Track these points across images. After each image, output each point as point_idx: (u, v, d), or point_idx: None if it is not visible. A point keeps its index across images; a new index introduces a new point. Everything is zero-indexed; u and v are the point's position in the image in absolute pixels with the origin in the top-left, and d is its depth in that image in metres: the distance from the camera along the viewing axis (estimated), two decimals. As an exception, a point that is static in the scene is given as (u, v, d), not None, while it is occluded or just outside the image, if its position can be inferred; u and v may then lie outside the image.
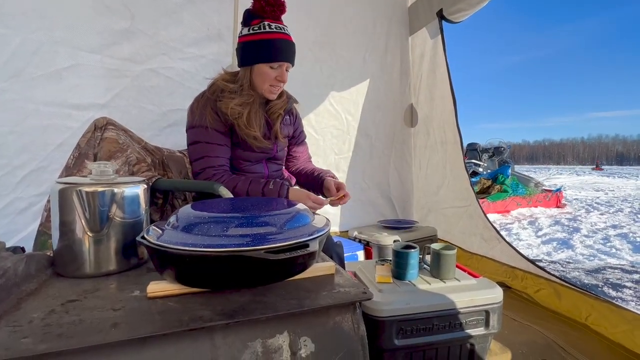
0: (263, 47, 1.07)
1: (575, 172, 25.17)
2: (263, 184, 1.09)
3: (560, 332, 1.43)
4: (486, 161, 7.77)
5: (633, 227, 4.65)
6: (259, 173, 1.21)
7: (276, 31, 1.07)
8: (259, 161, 1.21)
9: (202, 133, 1.09)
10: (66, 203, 0.63)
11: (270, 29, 1.06)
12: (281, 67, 1.10)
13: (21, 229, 1.53)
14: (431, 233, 2.28)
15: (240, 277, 0.56)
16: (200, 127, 1.09)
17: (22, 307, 0.51)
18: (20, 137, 1.52)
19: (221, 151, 1.12)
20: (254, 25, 1.07)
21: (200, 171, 1.11)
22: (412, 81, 2.62)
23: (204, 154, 1.10)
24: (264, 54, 1.07)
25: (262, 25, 1.06)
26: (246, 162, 1.19)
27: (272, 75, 1.10)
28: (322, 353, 0.52)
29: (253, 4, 1.07)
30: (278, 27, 1.08)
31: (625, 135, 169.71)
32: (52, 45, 1.56)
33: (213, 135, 1.10)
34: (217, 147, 1.11)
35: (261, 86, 1.12)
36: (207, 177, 1.09)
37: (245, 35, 1.09)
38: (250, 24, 1.07)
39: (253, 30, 1.07)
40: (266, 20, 1.07)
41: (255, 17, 1.07)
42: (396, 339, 0.97)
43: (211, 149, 1.10)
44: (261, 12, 1.06)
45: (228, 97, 1.09)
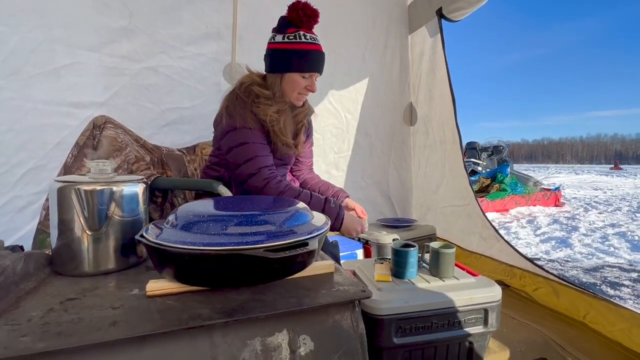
0: (298, 56, 1.08)
1: (574, 171, 25.23)
2: (323, 201, 1.08)
3: (558, 330, 1.43)
4: (485, 160, 7.79)
5: (631, 225, 4.66)
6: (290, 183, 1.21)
7: (311, 42, 1.10)
8: None
9: (248, 134, 1.07)
10: (65, 201, 0.63)
11: (306, 39, 1.09)
12: (312, 77, 1.13)
13: (20, 227, 1.53)
14: (430, 232, 2.28)
15: (240, 276, 0.56)
16: (244, 128, 1.06)
17: (21, 306, 0.51)
18: (18, 135, 1.52)
19: (268, 151, 1.11)
20: (290, 34, 1.08)
21: (255, 172, 1.06)
22: (411, 80, 2.61)
23: (254, 154, 1.07)
24: (298, 63, 1.09)
25: (298, 35, 1.08)
26: None
27: (303, 84, 1.12)
28: (322, 351, 0.53)
29: (289, 12, 1.09)
30: (312, 37, 1.11)
31: (624, 134, 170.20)
32: (50, 44, 1.55)
33: (258, 136, 1.09)
34: (264, 147, 1.10)
35: (290, 94, 1.13)
36: (264, 177, 1.05)
37: (279, 43, 1.10)
38: (286, 32, 1.09)
39: (288, 39, 1.08)
40: (301, 30, 1.09)
41: (290, 26, 1.09)
42: (395, 337, 0.97)
43: (261, 148, 1.08)
44: (297, 22, 1.09)
45: (265, 104, 1.09)
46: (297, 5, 1.08)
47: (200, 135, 1.87)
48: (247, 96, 1.10)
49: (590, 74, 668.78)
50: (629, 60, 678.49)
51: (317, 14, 1.11)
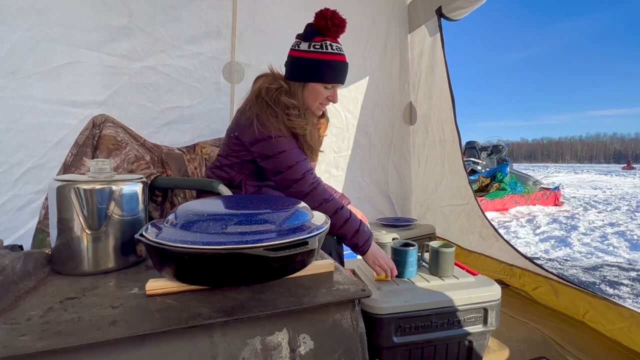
0: (323, 67, 1.07)
1: (574, 170, 25.25)
2: (359, 223, 1.06)
3: (557, 329, 1.43)
4: (485, 159, 7.79)
5: (630, 225, 4.67)
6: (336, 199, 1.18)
7: (337, 52, 1.08)
8: None
9: (285, 143, 1.05)
10: (64, 200, 0.63)
11: (332, 50, 1.07)
12: (334, 87, 1.12)
13: (19, 226, 1.53)
14: (430, 231, 2.28)
15: (239, 275, 0.56)
16: (281, 137, 1.05)
17: (21, 305, 0.51)
18: (18, 134, 1.52)
19: (305, 156, 1.10)
20: (316, 43, 1.06)
21: (300, 177, 1.04)
22: (411, 79, 2.61)
23: (296, 160, 1.05)
24: (323, 74, 1.08)
25: (324, 44, 1.06)
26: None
27: (325, 94, 1.11)
28: (321, 350, 0.53)
29: (317, 20, 1.06)
30: (338, 47, 1.09)
31: (623, 133, 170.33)
32: (49, 42, 1.55)
33: (294, 143, 1.08)
34: (302, 153, 1.09)
35: (312, 104, 1.12)
36: (310, 182, 1.04)
37: (305, 51, 1.07)
38: (312, 40, 1.06)
39: (314, 49, 1.06)
40: (327, 39, 1.07)
41: (317, 35, 1.07)
42: (395, 336, 0.97)
43: (299, 154, 1.07)
44: (325, 31, 1.06)
45: (296, 116, 1.08)
46: (326, 13, 1.06)
47: (200, 134, 1.87)
48: (276, 105, 1.07)
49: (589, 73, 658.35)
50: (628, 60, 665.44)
51: (345, 24, 1.09)
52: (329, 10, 1.07)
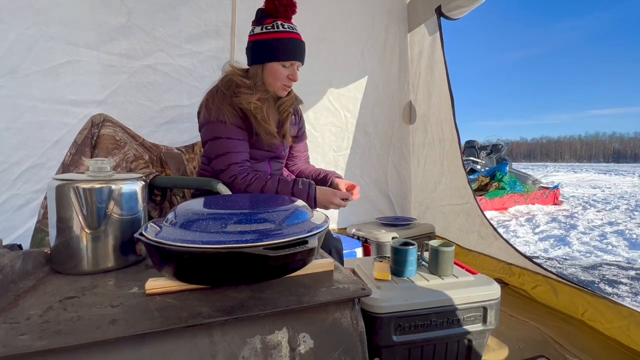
0: (276, 46, 1.08)
1: (573, 169, 25.29)
2: (292, 183, 1.08)
3: (556, 328, 1.44)
4: (484, 158, 7.79)
5: (629, 224, 4.68)
6: (261, 171, 1.21)
7: (289, 31, 1.09)
8: (263, 159, 1.21)
9: (221, 128, 1.08)
10: (63, 200, 0.62)
11: (284, 29, 1.08)
12: (292, 65, 1.12)
13: (19, 225, 1.53)
14: (429, 230, 2.29)
15: (239, 274, 0.56)
16: (218, 122, 1.08)
17: (20, 304, 0.51)
18: (16, 133, 1.51)
19: (243, 147, 1.11)
20: (267, 25, 1.08)
21: (224, 168, 1.08)
22: (410, 78, 2.61)
23: (226, 150, 1.08)
24: (277, 53, 1.08)
25: (275, 24, 1.08)
26: (251, 159, 1.18)
27: (284, 73, 1.11)
28: (321, 349, 0.53)
29: (266, 3, 1.08)
30: (290, 26, 1.10)
31: (622, 132, 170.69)
32: (48, 41, 1.54)
33: (233, 130, 1.09)
34: (238, 142, 1.10)
35: (273, 84, 1.13)
36: (232, 174, 1.07)
37: (257, 34, 1.10)
38: (263, 23, 1.08)
39: (266, 30, 1.08)
40: (279, 19, 1.08)
41: (268, 17, 1.08)
42: (394, 335, 0.97)
43: (233, 144, 1.09)
44: (274, 12, 1.08)
45: (245, 93, 1.09)
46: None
47: (199, 134, 1.87)
48: (227, 88, 1.11)
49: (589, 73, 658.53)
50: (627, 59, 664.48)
51: (294, 4, 1.10)
52: None
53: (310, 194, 1.08)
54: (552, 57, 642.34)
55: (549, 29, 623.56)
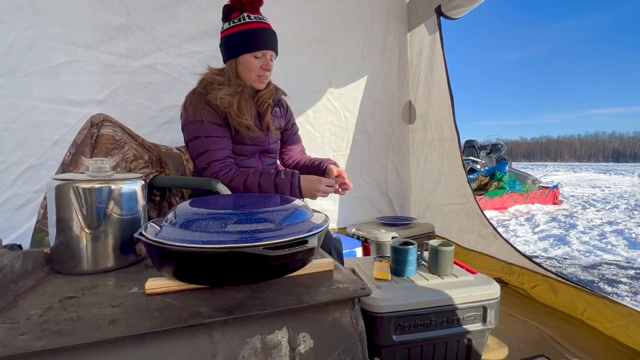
0: (245, 37, 1.08)
1: (572, 169, 25.30)
2: (274, 174, 1.08)
3: (556, 327, 1.44)
4: (484, 158, 7.79)
5: (629, 223, 4.68)
6: (252, 167, 1.21)
7: (256, 21, 1.08)
8: (252, 155, 1.21)
9: (199, 127, 1.09)
10: (63, 200, 0.62)
11: (250, 19, 1.08)
12: (265, 55, 1.11)
13: (18, 225, 1.53)
14: (429, 230, 2.29)
15: (239, 274, 0.56)
16: (196, 122, 1.09)
17: (20, 304, 0.51)
18: (16, 133, 1.51)
19: (223, 143, 1.11)
20: (234, 19, 1.09)
21: (206, 166, 1.09)
22: (410, 78, 2.61)
23: (205, 149, 1.09)
24: (247, 44, 1.08)
25: (242, 17, 1.08)
26: (240, 156, 1.18)
27: (258, 64, 1.11)
28: (321, 349, 0.53)
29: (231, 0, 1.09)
30: (257, 17, 1.09)
31: (622, 132, 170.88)
32: (47, 41, 1.54)
33: (211, 128, 1.09)
34: (217, 139, 1.10)
35: (248, 76, 1.13)
36: (214, 171, 1.08)
37: (226, 30, 1.10)
38: (230, 17, 1.09)
39: (233, 23, 1.08)
40: (245, 12, 1.08)
41: (234, 11, 1.09)
42: (394, 335, 0.97)
43: (212, 142, 1.09)
44: (239, 5, 1.08)
45: (216, 89, 1.10)
46: None
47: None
48: (202, 88, 1.12)
49: (588, 72, 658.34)
50: (627, 59, 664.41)
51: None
52: None
53: (293, 183, 1.06)
54: (552, 56, 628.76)
55: (549, 28, 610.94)
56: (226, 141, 1.12)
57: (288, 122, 1.33)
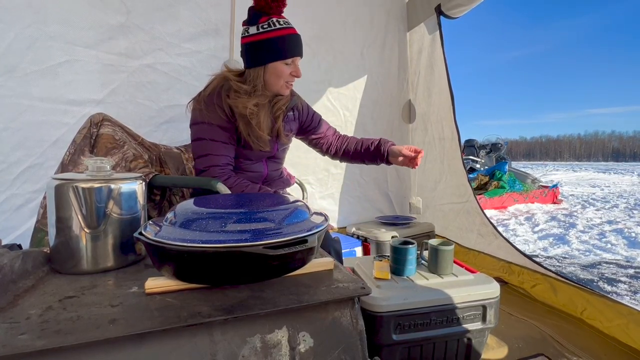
0: (277, 45, 1.06)
1: (572, 168, 25.32)
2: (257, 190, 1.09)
3: (556, 326, 1.44)
4: (483, 157, 7.79)
5: (628, 222, 4.69)
6: (257, 172, 1.20)
7: (285, 27, 1.07)
8: (259, 160, 1.20)
9: (206, 130, 1.08)
10: (62, 199, 0.62)
11: (280, 26, 1.06)
12: (294, 62, 1.10)
13: (18, 226, 1.53)
14: (429, 229, 2.29)
15: (239, 273, 0.56)
16: (204, 123, 1.08)
17: (19, 304, 0.51)
18: (15, 133, 1.51)
19: (226, 149, 1.10)
20: (263, 24, 1.05)
21: (204, 169, 1.08)
22: (410, 77, 2.61)
23: (208, 152, 1.08)
24: (278, 51, 1.06)
25: (271, 22, 1.05)
26: (246, 160, 1.17)
27: (287, 71, 1.09)
28: (321, 348, 0.53)
29: (256, 2, 1.05)
30: (285, 22, 1.08)
31: (622, 131, 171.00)
32: (46, 41, 1.54)
33: (218, 132, 1.08)
34: (221, 145, 1.09)
35: (277, 84, 1.11)
36: (212, 176, 1.07)
37: (254, 35, 1.06)
38: (258, 22, 1.06)
39: (263, 29, 1.05)
40: (273, 17, 1.06)
41: (261, 15, 1.06)
42: (394, 334, 0.97)
43: (216, 147, 1.08)
44: (267, 9, 1.05)
45: (242, 97, 1.08)
46: None
47: (198, 133, 1.87)
48: (220, 89, 1.09)
49: (588, 71, 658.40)
50: (626, 58, 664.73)
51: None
52: None
53: None
54: (552, 56, 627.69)
55: (548, 28, 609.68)
56: (229, 148, 1.12)
57: (305, 121, 1.31)
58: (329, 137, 1.38)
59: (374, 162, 1.32)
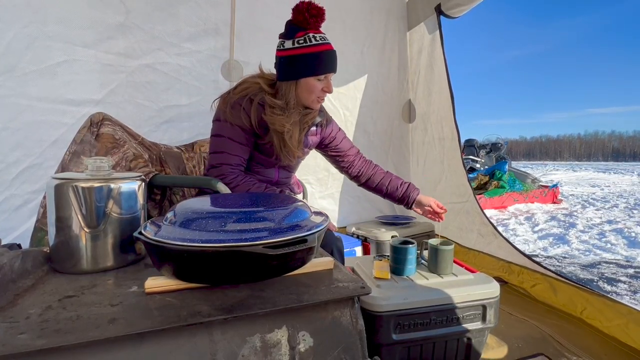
0: (312, 61, 1.05)
1: (572, 168, 25.33)
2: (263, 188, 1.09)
3: (556, 326, 1.44)
4: (483, 157, 7.80)
5: (628, 222, 4.69)
6: (268, 178, 1.20)
7: (322, 43, 1.06)
8: (272, 166, 1.20)
9: (227, 128, 1.08)
10: (62, 199, 0.62)
11: (317, 41, 1.05)
12: (327, 77, 1.10)
13: (17, 226, 1.53)
14: (428, 229, 2.29)
15: (239, 273, 0.56)
16: (226, 122, 1.08)
17: (19, 303, 0.51)
18: (14, 133, 1.51)
19: (241, 150, 1.10)
20: (299, 38, 1.04)
21: (216, 165, 1.08)
22: (410, 77, 2.61)
23: (223, 150, 1.08)
24: (313, 67, 1.06)
25: (307, 38, 1.04)
26: (259, 164, 1.17)
27: (319, 87, 1.09)
28: (321, 347, 0.53)
29: (295, 15, 1.05)
30: (322, 37, 1.07)
31: (622, 131, 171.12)
32: (45, 40, 1.54)
33: (237, 133, 1.08)
34: (238, 145, 1.09)
35: (308, 98, 1.11)
36: (222, 173, 1.07)
37: (290, 49, 1.06)
38: (295, 37, 1.05)
39: (299, 44, 1.04)
40: (310, 31, 1.05)
41: (298, 30, 1.05)
42: (394, 334, 0.97)
43: (232, 146, 1.08)
44: (305, 25, 1.04)
45: (279, 114, 1.07)
46: (302, 6, 1.04)
47: (198, 133, 1.87)
48: (253, 96, 1.08)
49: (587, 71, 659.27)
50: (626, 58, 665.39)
51: (323, 12, 1.06)
52: (304, 2, 1.05)
53: None
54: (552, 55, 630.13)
55: (548, 27, 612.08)
56: (245, 149, 1.11)
57: (326, 138, 1.30)
58: (351, 157, 1.37)
59: (396, 202, 1.37)
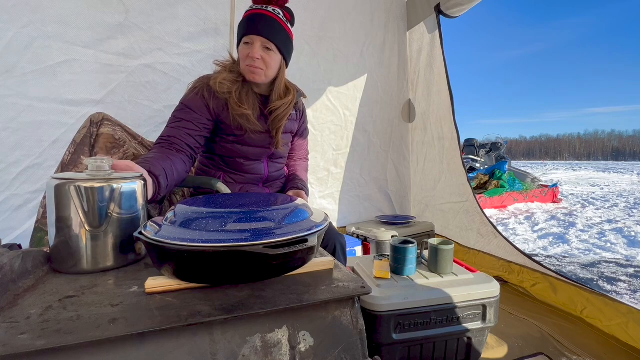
0: (241, 25, 1.06)
1: (572, 167, 25.33)
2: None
3: (556, 325, 1.44)
4: (483, 157, 7.80)
5: (628, 221, 4.69)
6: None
7: (254, 7, 1.05)
8: (259, 158, 1.17)
9: (179, 108, 1.08)
10: (62, 199, 0.62)
11: (251, 7, 1.06)
12: (253, 42, 1.02)
13: (17, 226, 1.53)
14: (429, 228, 2.29)
15: (239, 272, 0.56)
16: (182, 103, 1.09)
17: (19, 304, 0.51)
18: (14, 133, 1.51)
19: (183, 125, 1.04)
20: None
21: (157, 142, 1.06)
22: (409, 76, 2.61)
23: (167, 124, 1.08)
24: (240, 31, 1.07)
25: (251, 7, 1.07)
26: (246, 160, 1.15)
27: (245, 52, 1.04)
28: (321, 347, 0.53)
29: None
30: (260, 6, 1.05)
31: (621, 130, 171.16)
32: (44, 40, 1.53)
33: (184, 111, 1.06)
34: (179, 122, 1.05)
35: (242, 66, 1.08)
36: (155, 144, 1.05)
37: None
38: None
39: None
40: (257, 3, 1.07)
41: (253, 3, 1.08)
42: (394, 333, 0.98)
43: (174, 122, 1.06)
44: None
45: (218, 72, 1.08)
46: None
47: (198, 133, 1.86)
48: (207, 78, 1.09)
49: (587, 71, 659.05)
50: (625, 57, 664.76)
51: None
52: None
53: None
54: (552, 55, 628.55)
55: (548, 27, 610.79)
56: (189, 126, 1.05)
57: (300, 127, 1.29)
58: (296, 155, 1.34)
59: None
